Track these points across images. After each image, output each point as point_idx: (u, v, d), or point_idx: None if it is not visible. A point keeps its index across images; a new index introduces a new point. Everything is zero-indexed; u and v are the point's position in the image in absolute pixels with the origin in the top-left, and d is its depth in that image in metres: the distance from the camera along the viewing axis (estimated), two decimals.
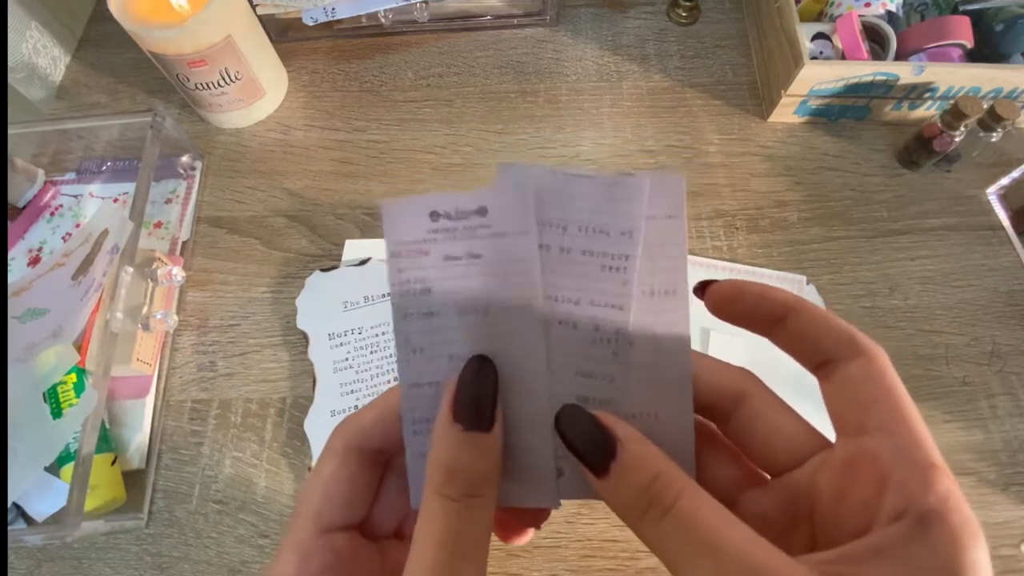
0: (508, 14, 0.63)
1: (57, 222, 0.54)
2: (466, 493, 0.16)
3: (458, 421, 0.16)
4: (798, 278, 0.49)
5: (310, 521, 0.17)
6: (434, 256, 0.18)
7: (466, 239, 0.18)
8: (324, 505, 0.18)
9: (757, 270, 0.50)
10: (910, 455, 0.15)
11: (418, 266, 0.18)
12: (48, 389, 0.40)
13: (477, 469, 0.16)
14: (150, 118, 0.49)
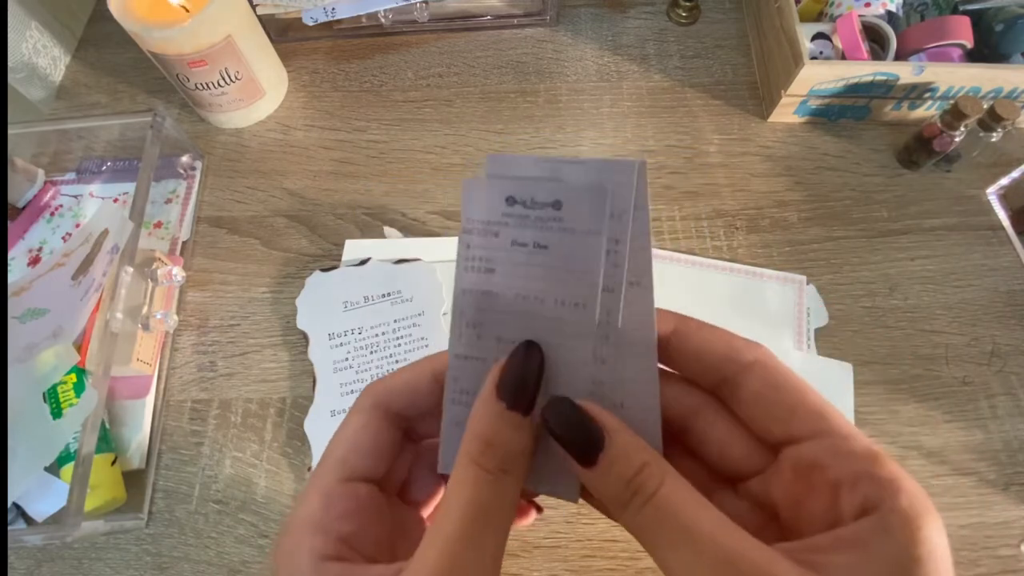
0: (508, 14, 0.63)
1: (57, 222, 0.54)
2: (499, 467, 0.17)
3: (501, 399, 0.17)
4: (798, 278, 0.49)
5: (336, 468, 0.18)
6: (503, 239, 0.18)
7: (537, 228, 0.18)
8: (350, 455, 0.19)
9: (757, 270, 0.50)
10: (848, 452, 0.16)
11: (486, 246, 0.19)
12: (48, 389, 0.40)
13: (513, 446, 0.17)
14: (150, 118, 0.49)
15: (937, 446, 0.44)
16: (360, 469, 0.19)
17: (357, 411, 0.19)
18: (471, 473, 0.17)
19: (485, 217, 0.19)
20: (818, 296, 0.49)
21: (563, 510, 0.43)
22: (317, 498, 0.18)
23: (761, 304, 0.48)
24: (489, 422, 0.17)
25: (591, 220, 0.18)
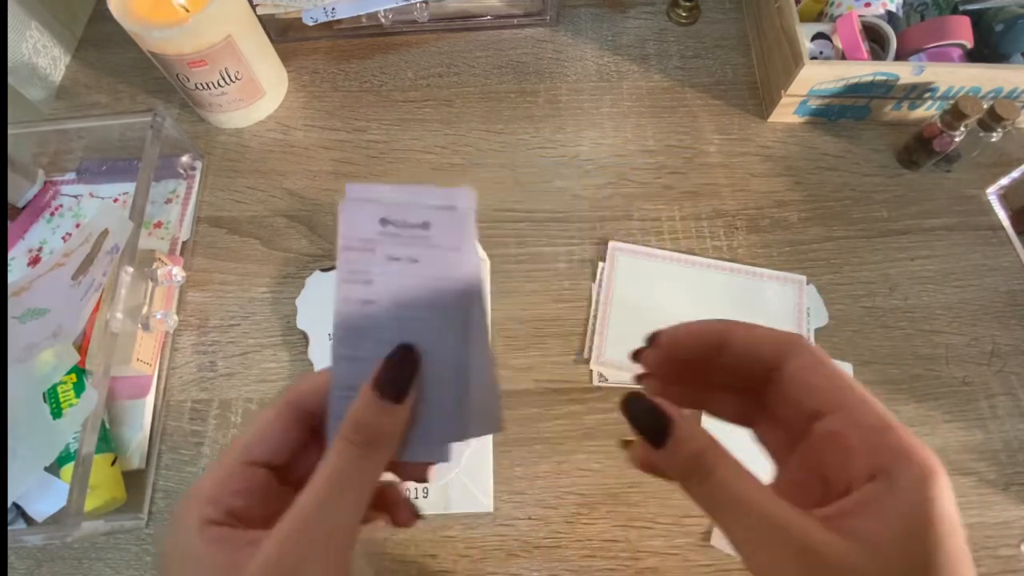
0: (508, 14, 0.63)
1: (57, 222, 0.54)
2: (364, 442, 0.19)
3: (376, 390, 0.20)
4: (798, 278, 0.49)
5: (240, 451, 0.21)
6: (379, 254, 0.21)
7: (408, 245, 0.21)
8: (255, 442, 0.21)
9: (757, 270, 0.50)
10: (865, 424, 0.19)
11: (364, 260, 0.21)
12: (48, 389, 0.40)
13: (381, 428, 0.20)
14: (150, 118, 0.49)
15: (937, 446, 0.44)
16: (261, 455, 0.21)
17: (273, 405, 0.22)
18: (339, 446, 0.19)
19: (362, 236, 0.21)
20: (818, 296, 0.49)
21: (563, 510, 0.43)
22: (217, 474, 0.21)
23: (761, 304, 0.48)
24: (364, 408, 0.20)
25: (453, 238, 0.21)
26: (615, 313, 0.47)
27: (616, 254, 0.49)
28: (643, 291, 0.48)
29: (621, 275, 0.49)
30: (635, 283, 0.49)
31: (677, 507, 0.43)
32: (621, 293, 0.48)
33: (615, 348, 0.46)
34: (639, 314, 0.47)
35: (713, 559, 0.41)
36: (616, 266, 0.49)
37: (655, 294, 0.48)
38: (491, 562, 0.41)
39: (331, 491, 0.19)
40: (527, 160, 0.56)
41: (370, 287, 0.22)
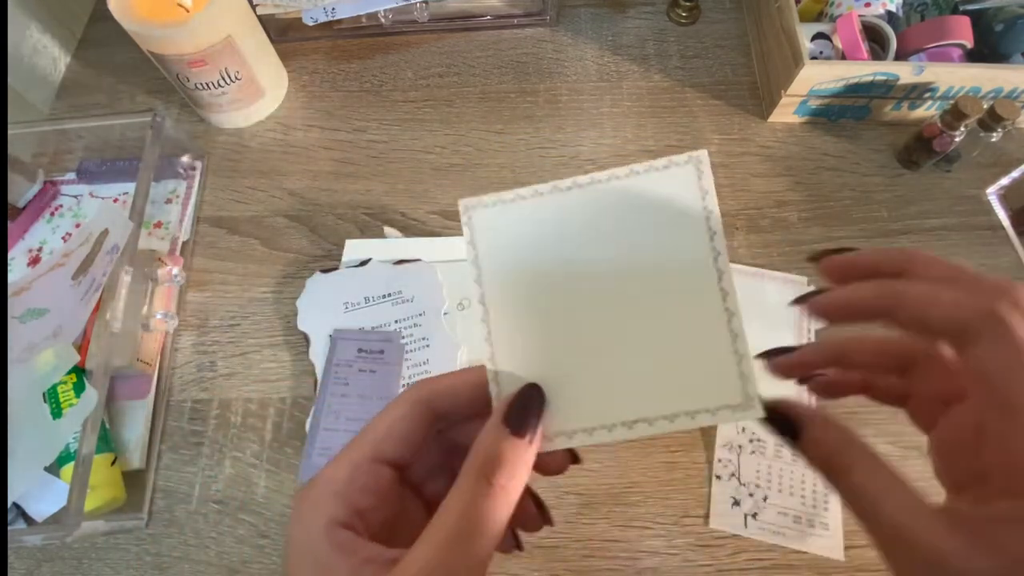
0: (508, 14, 0.63)
1: (57, 222, 0.54)
2: (499, 481, 0.19)
3: (507, 425, 0.19)
4: (799, 279, 0.49)
5: (369, 447, 0.20)
6: (354, 368, 0.32)
7: (371, 361, 0.43)
8: (385, 439, 0.20)
9: (757, 270, 0.50)
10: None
11: (347, 372, 0.45)
12: (48, 389, 0.40)
13: (514, 464, 0.19)
14: (150, 118, 0.49)
15: None
16: (389, 453, 0.20)
17: (402, 401, 0.21)
18: (471, 481, 0.19)
19: (346, 359, 0.46)
20: None
21: (563, 510, 0.43)
22: (346, 467, 0.20)
23: (761, 304, 0.48)
24: (495, 442, 0.19)
25: (395, 359, 0.45)
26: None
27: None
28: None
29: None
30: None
31: (677, 507, 0.43)
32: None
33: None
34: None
35: (713, 559, 0.41)
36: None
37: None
38: (491, 562, 0.41)
39: (467, 531, 0.18)
40: (527, 160, 0.56)
41: (347, 387, 0.45)
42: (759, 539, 0.41)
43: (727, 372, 0.21)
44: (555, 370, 0.21)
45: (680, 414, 0.21)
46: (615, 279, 0.22)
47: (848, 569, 0.40)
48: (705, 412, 0.20)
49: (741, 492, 0.42)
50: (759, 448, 0.44)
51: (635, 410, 0.21)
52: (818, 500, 0.42)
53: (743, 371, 0.20)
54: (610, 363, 0.21)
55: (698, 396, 0.21)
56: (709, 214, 0.21)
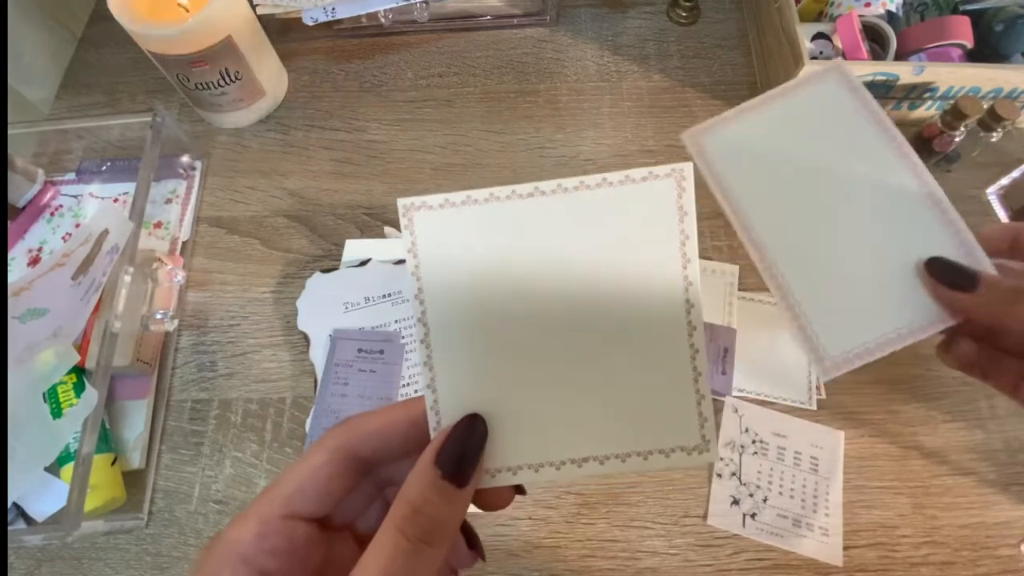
0: (508, 14, 0.63)
1: (57, 222, 0.54)
2: (421, 538, 0.17)
3: (439, 466, 0.17)
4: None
5: (280, 503, 0.18)
6: (355, 368, 0.33)
7: (372, 362, 0.41)
8: (297, 494, 0.18)
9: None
10: None
11: (347, 372, 0.44)
12: (48, 389, 0.40)
13: (440, 516, 0.17)
14: (150, 118, 0.49)
15: (937, 446, 0.44)
16: (303, 509, 0.19)
17: (321, 448, 0.19)
18: (390, 538, 0.17)
19: (346, 359, 0.45)
20: None
21: (563, 510, 0.43)
22: (253, 526, 0.18)
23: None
24: (420, 490, 0.17)
25: (395, 359, 0.45)
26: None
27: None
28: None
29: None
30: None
31: (677, 507, 0.43)
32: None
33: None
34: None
35: (713, 559, 0.41)
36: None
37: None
38: (491, 562, 0.41)
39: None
40: (527, 160, 0.56)
41: (347, 387, 0.45)
42: (757, 539, 0.41)
43: (686, 412, 0.19)
44: (502, 400, 0.20)
45: (632, 454, 0.19)
46: (573, 302, 0.20)
47: (847, 570, 0.40)
48: (659, 453, 0.19)
49: (741, 492, 0.42)
50: (761, 449, 0.44)
51: (586, 447, 0.19)
52: (818, 505, 0.42)
53: (703, 412, 0.19)
54: (562, 395, 0.19)
55: (653, 436, 0.19)
56: (686, 239, 0.19)
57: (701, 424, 0.19)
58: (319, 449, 0.19)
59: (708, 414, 0.19)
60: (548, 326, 0.20)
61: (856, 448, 0.44)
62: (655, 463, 0.19)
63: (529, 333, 0.20)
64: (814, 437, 0.44)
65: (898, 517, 0.42)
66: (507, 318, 0.20)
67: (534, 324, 0.20)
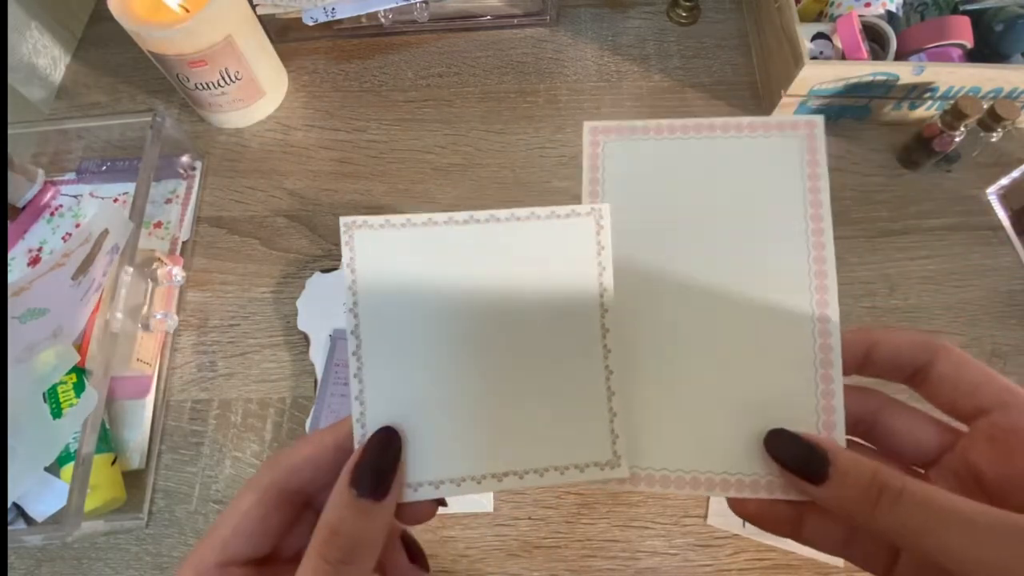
0: (508, 14, 0.63)
1: (57, 222, 0.54)
2: (341, 559, 0.17)
3: (353, 487, 0.18)
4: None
5: (215, 550, 0.18)
6: (352, 369, 0.22)
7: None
8: (232, 538, 0.18)
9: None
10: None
11: (346, 372, 0.28)
12: (48, 389, 0.40)
13: (361, 534, 0.17)
14: (150, 118, 0.49)
15: None
16: (240, 553, 0.19)
17: (250, 489, 0.19)
18: (311, 564, 0.17)
19: (346, 359, 0.28)
20: None
21: (563, 510, 0.43)
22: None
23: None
24: (337, 511, 0.17)
25: None
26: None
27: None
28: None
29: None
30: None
31: (677, 507, 0.43)
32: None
33: None
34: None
35: (713, 559, 0.41)
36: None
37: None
38: (491, 562, 0.41)
39: None
40: (527, 160, 0.56)
41: (346, 387, 0.41)
42: (757, 539, 0.41)
43: (599, 429, 0.20)
44: (427, 415, 0.20)
45: (550, 469, 0.20)
46: (498, 324, 0.21)
47: (847, 570, 0.40)
48: (574, 468, 0.20)
49: None
50: None
51: (506, 462, 0.20)
52: None
53: (614, 429, 0.20)
54: (484, 412, 0.21)
55: (569, 452, 0.20)
56: (602, 270, 0.21)
57: (613, 440, 0.20)
58: (248, 490, 0.19)
59: (620, 431, 0.20)
60: (474, 346, 0.21)
61: None
62: (571, 477, 0.20)
63: (456, 352, 0.21)
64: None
65: None
66: (436, 336, 0.21)
67: (461, 343, 0.21)
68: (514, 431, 0.20)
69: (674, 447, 0.21)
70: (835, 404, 0.20)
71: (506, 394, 0.21)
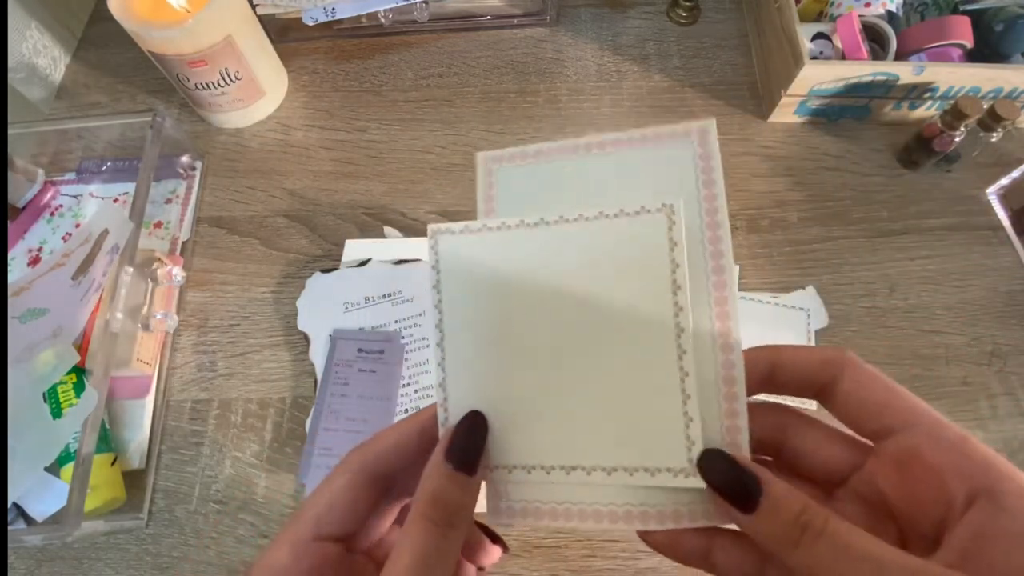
0: (508, 14, 0.63)
1: (57, 222, 0.54)
2: (446, 521, 0.18)
3: (449, 461, 0.19)
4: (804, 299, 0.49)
5: (310, 525, 0.19)
6: (355, 368, 0.31)
7: (372, 362, 0.39)
8: (327, 514, 0.20)
9: (760, 298, 0.49)
10: (942, 439, 0.17)
11: (347, 372, 0.44)
12: (48, 389, 0.40)
13: (457, 502, 0.19)
14: (150, 118, 0.49)
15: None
16: (333, 529, 0.20)
17: (343, 470, 0.20)
18: (419, 525, 0.18)
19: (346, 359, 0.45)
20: (818, 297, 0.49)
21: None
22: (287, 550, 0.19)
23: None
24: (438, 482, 0.19)
25: (395, 359, 0.44)
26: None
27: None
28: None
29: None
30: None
31: None
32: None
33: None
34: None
35: None
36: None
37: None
38: None
39: (419, 572, 0.18)
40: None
41: (347, 387, 0.44)
42: None
43: (674, 434, 0.20)
44: (503, 404, 0.21)
45: (619, 469, 0.20)
46: (575, 322, 0.21)
47: None
48: (644, 471, 0.20)
49: None
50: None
51: (576, 456, 0.20)
52: None
53: (690, 435, 0.19)
54: (559, 406, 0.21)
55: (642, 453, 0.20)
56: (676, 267, 0.20)
57: (690, 449, 0.19)
58: (341, 471, 0.20)
59: (696, 438, 0.19)
60: (551, 341, 0.21)
61: None
62: (640, 480, 0.20)
63: (532, 346, 0.21)
64: None
65: None
66: (513, 331, 0.22)
67: (537, 338, 0.21)
68: (588, 427, 0.20)
69: (576, 480, 0.21)
70: (739, 424, 0.19)
71: (582, 390, 0.21)
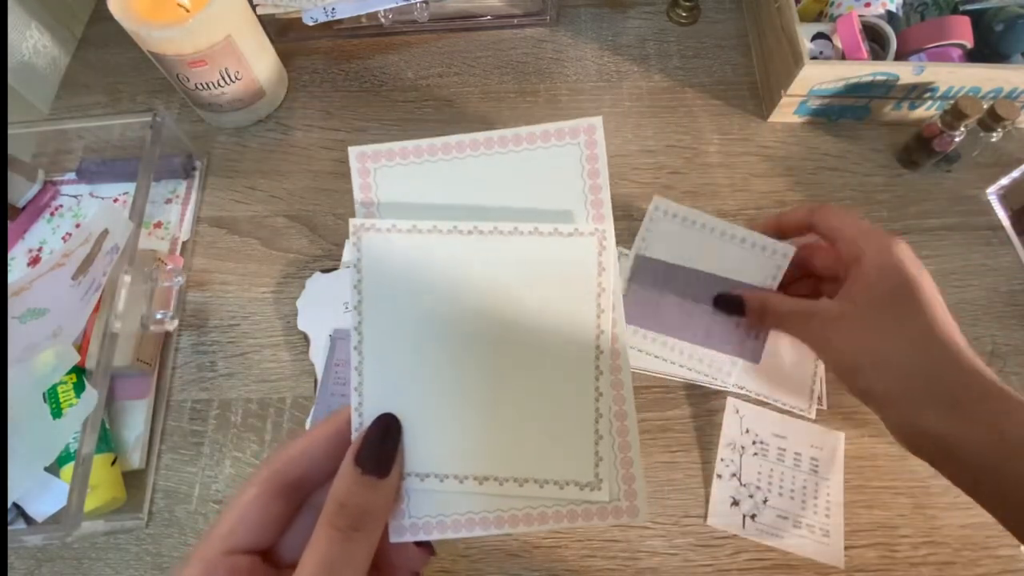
0: (508, 14, 0.63)
1: (57, 222, 0.54)
2: (351, 526, 0.19)
3: (358, 465, 0.19)
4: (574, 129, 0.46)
5: (220, 540, 0.19)
6: (353, 362, 0.22)
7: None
8: (236, 527, 0.20)
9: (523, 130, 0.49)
10: (855, 231, 0.33)
11: (346, 372, 0.41)
12: (48, 389, 0.40)
13: (367, 507, 0.19)
14: (150, 118, 0.49)
15: None
16: (244, 542, 0.20)
17: (251, 483, 0.20)
18: (323, 532, 0.18)
19: (346, 359, 0.41)
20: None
21: None
22: (199, 567, 0.19)
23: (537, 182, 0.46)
24: (345, 486, 0.19)
25: None
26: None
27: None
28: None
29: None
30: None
31: (677, 507, 0.43)
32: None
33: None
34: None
35: (713, 559, 0.41)
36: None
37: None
38: (491, 562, 0.42)
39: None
40: None
41: (346, 387, 0.36)
42: (757, 540, 0.41)
43: (584, 450, 0.20)
44: (420, 410, 0.21)
45: (530, 480, 0.20)
46: (498, 333, 0.21)
47: (847, 570, 0.40)
48: (554, 484, 0.20)
49: (741, 493, 0.42)
50: (762, 450, 0.44)
51: (490, 467, 0.20)
52: (819, 505, 0.42)
53: (599, 451, 0.20)
54: (476, 415, 0.21)
55: (552, 467, 0.20)
56: (602, 291, 0.21)
57: (596, 463, 0.20)
58: (250, 483, 0.20)
59: (605, 454, 0.20)
60: (472, 350, 0.21)
61: (856, 448, 0.44)
62: (549, 492, 0.20)
63: (453, 353, 0.21)
64: (814, 438, 0.44)
65: (898, 517, 0.42)
66: (435, 336, 0.21)
67: (459, 346, 0.21)
68: (500, 438, 0.21)
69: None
70: (632, 456, 0.20)
71: (500, 401, 0.21)
